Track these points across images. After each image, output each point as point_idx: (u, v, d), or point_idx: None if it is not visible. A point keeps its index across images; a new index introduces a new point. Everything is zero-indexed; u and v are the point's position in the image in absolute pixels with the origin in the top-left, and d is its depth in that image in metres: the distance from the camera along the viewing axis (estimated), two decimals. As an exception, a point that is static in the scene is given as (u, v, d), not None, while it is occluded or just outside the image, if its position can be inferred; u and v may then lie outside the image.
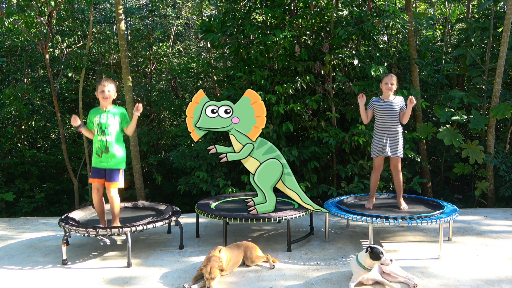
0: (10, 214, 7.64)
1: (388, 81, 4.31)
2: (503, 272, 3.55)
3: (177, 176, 8.36)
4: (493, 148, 6.35)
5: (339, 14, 6.40)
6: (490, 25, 6.86)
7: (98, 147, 3.98)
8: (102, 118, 3.99)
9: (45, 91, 9.29)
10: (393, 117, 4.30)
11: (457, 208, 4.32)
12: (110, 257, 4.05)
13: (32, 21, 6.50)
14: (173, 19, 10.46)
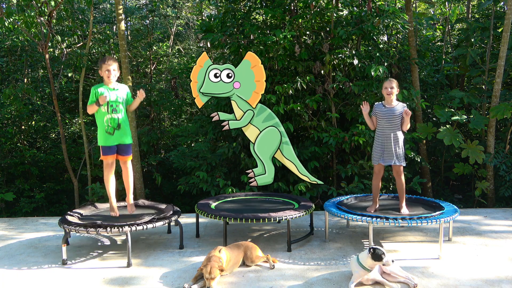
0: (10, 214, 7.64)
1: (387, 85, 4.22)
2: (503, 272, 3.55)
3: (177, 176, 8.36)
4: (493, 148, 6.35)
5: (339, 14, 6.40)
6: (490, 25, 6.86)
7: (109, 125, 4.05)
8: (112, 96, 4.07)
9: (45, 91, 9.29)
10: (394, 124, 4.19)
11: (457, 208, 4.31)
12: (110, 257, 4.05)
13: (32, 21, 6.50)
14: (173, 19, 10.46)
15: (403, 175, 4.27)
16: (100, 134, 4.09)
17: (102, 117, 4.05)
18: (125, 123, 4.14)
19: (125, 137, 4.14)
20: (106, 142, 4.07)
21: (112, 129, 4.06)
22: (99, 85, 4.13)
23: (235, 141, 6.46)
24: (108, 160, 4.11)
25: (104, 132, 4.06)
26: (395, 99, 4.28)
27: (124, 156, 4.20)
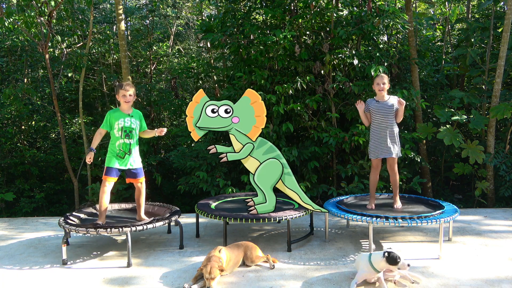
0: (10, 214, 7.64)
1: (379, 81, 4.32)
2: (503, 272, 3.55)
3: (177, 176, 8.36)
4: (493, 148, 6.35)
5: (339, 14, 6.40)
6: (490, 25, 6.86)
7: (121, 150, 4.07)
8: (127, 122, 4.11)
9: (45, 91, 9.29)
10: (389, 117, 4.30)
11: (457, 208, 4.31)
12: (110, 257, 4.05)
13: (32, 21, 6.50)
14: (173, 19, 10.46)
15: (396, 168, 4.39)
16: (109, 156, 4.08)
17: (115, 141, 4.08)
18: (136, 148, 4.19)
19: (134, 162, 4.17)
20: (113, 164, 4.06)
21: (123, 154, 4.09)
22: (115, 110, 4.15)
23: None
24: (108, 181, 4.06)
25: (114, 155, 4.07)
26: (387, 93, 4.40)
27: (136, 179, 4.23)
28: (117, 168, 4.08)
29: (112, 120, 4.08)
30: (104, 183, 4.08)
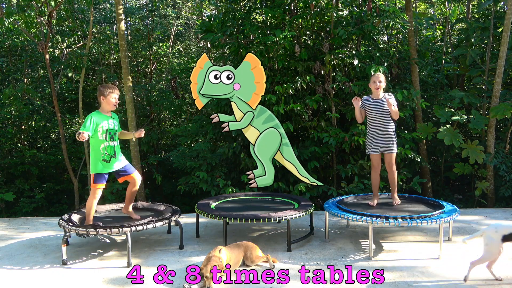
0: (10, 214, 7.64)
1: (375, 79, 4.41)
2: (503, 272, 3.54)
3: (177, 176, 8.36)
4: (493, 148, 6.35)
5: (339, 14, 6.40)
6: (490, 25, 6.86)
7: (106, 153, 3.95)
8: (110, 124, 4.01)
9: (45, 91, 9.29)
10: (384, 115, 4.36)
11: (457, 208, 4.31)
12: (110, 257, 4.05)
13: (32, 21, 6.50)
14: (173, 19, 10.46)
15: (394, 166, 4.41)
16: (94, 162, 3.95)
17: (99, 144, 3.93)
18: (119, 150, 4.10)
19: (120, 161, 4.09)
20: (102, 169, 3.94)
21: (108, 157, 3.97)
22: (96, 112, 3.99)
23: (235, 141, 6.46)
24: (98, 188, 3.98)
25: (100, 160, 3.94)
26: (382, 92, 4.45)
27: (129, 175, 4.16)
28: (105, 173, 3.97)
29: (97, 121, 3.90)
30: (94, 191, 3.97)
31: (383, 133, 4.36)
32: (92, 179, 3.99)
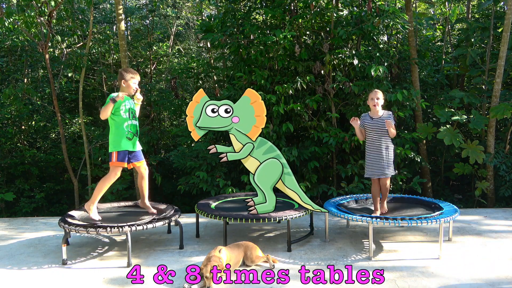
0: (10, 214, 7.64)
1: (373, 96, 4.26)
2: (503, 272, 3.55)
3: (177, 176, 8.36)
4: (493, 148, 6.35)
5: (339, 14, 6.40)
6: (490, 25, 6.86)
7: (129, 131, 4.09)
8: (131, 103, 4.16)
9: (45, 91, 9.29)
10: (382, 134, 4.22)
11: (457, 208, 4.31)
12: (110, 257, 4.05)
13: (32, 21, 6.50)
14: (173, 19, 10.46)
15: (388, 184, 4.31)
16: (117, 140, 4.01)
17: (122, 123, 4.05)
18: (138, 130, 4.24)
19: (139, 143, 4.25)
20: (125, 146, 4.03)
21: (132, 135, 4.10)
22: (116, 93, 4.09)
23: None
24: (119, 167, 4.04)
25: (124, 138, 4.03)
26: (381, 109, 4.31)
27: (140, 161, 4.24)
28: (127, 150, 4.06)
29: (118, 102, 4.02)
30: (113, 170, 4.02)
31: (380, 156, 4.21)
32: (114, 157, 4.01)
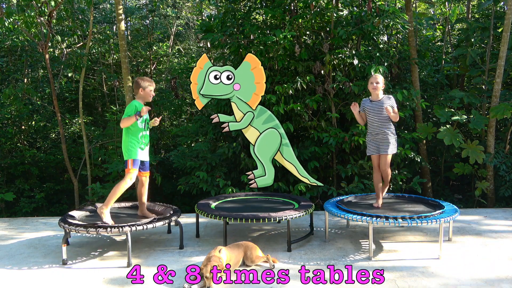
0: (10, 214, 7.64)
1: (373, 80, 4.36)
2: (503, 272, 3.55)
3: (177, 176, 8.36)
4: (493, 148, 6.35)
5: (339, 14, 6.40)
6: (490, 25, 6.86)
7: (143, 142, 4.13)
8: (147, 114, 4.17)
9: (45, 91, 9.30)
10: (381, 116, 4.32)
11: (457, 208, 4.31)
12: (110, 257, 4.05)
13: (32, 21, 6.50)
14: (173, 19, 10.46)
15: (388, 169, 4.35)
16: (131, 148, 4.05)
17: (138, 132, 4.08)
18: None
19: (147, 155, 4.27)
20: (136, 155, 4.07)
21: (145, 146, 4.15)
22: (136, 101, 4.12)
23: (235, 141, 6.46)
24: (132, 173, 4.06)
25: (138, 147, 4.08)
26: (381, 93, 4.40)
27: (146, 172, 4.27)
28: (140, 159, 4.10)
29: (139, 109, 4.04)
30: (130, 176, 4.04)
31: (380, 134, 4.33)
32: (130, 164, 4.05)
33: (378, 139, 4.35)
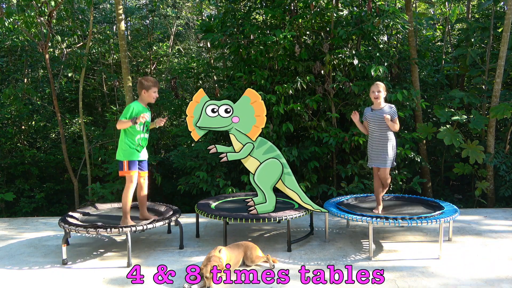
0: (10, 214, 7.64)
1: (374, 89, 4.28)
2: (503, 272, 3.55)
3: (177, 176, 8.36)
4: (493, 148, 6.35)
5: (339, 14, 6.40)
6: (490, 25, 6.86)
7: (140, 144, 4.09)
8: (147, 117, 4.11)
9: (45, 91, 9.29)
10: (382, 126, 4.23)
11: (457, 208, 4.31)
12: (110, 257, 4.05)
13: (32, 21, 6.50)
14: (173, 19, 10.46)
15: (388, 180, 4.30)
16: (125, 150, 4.03)
17: (135, 135, 4.05)
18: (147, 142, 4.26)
19: (146, 153, 4.23)
20: (133, 157, 4.04)
21: (141, 148, 4.12)
22: (136, 102, 4.09)
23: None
24: (133, 174, 4.07)
25: (132, 149, 4.05)
26: (383, 101, 4.32)
27: (143, 171, 4.23)
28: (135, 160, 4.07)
29: (137, 113, 4.01)
30: (131, 178, 4.05)
31: (380, 145, 4.24)
32: (125, 166, 4.03)
33: (378, 150, 4.25)
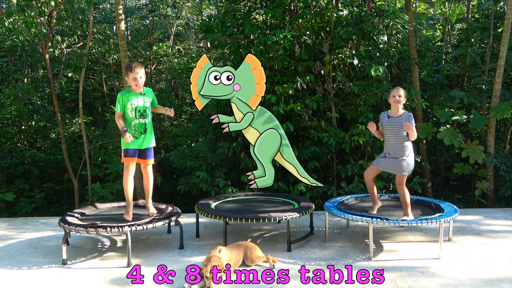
0: (10, 214, 7.64)
1: (395, 93, 4.11)
2: (503, 272, 3.55)
3: (177, 176, 8.36)
4: (493, 148, 6.35)
5: (339, 14, 6.40)
6: (490, 25, 6.86)
7: (136, 130, 4.06)
8: (140, 102, 4.07)
9: (45, 91, 9.29)
10: (398, 134, 4.06)
11: (457, 208, 4.31)
12: (110, 257, 4.05)
13: (32, 21, 6.50)
14: (173, 19, 10.46)
15: (404, 186, 4.09)
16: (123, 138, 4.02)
17: (130, 122, 4.04)
18: (151, 127, 4.16)
19: (149, 141, 4.17)
20: (129, 145, 4.02)
21: (139, 134, 4.07)
22: (126, 90, 4.08)
23: (235, 141, 6.46)
24: (128, 162, 4.08)
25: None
26: (401, 108, 4.16)
27: (145, 160, 4.20)
28: (132, 148, 4.06)
29: (124, 101, 4.01)
30: (127, 167, 4.06)
31: (394, 153, 4.07)
32: (123, 153, 4.08)
33: (393, 160, 4.07)
